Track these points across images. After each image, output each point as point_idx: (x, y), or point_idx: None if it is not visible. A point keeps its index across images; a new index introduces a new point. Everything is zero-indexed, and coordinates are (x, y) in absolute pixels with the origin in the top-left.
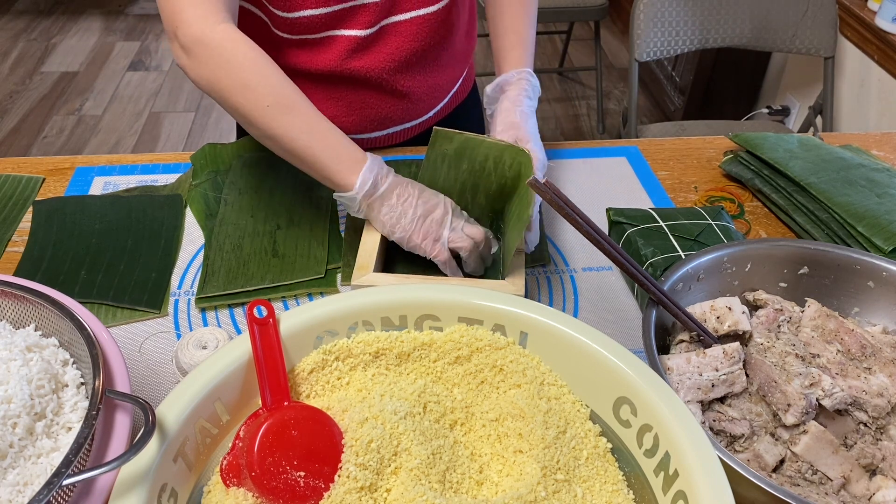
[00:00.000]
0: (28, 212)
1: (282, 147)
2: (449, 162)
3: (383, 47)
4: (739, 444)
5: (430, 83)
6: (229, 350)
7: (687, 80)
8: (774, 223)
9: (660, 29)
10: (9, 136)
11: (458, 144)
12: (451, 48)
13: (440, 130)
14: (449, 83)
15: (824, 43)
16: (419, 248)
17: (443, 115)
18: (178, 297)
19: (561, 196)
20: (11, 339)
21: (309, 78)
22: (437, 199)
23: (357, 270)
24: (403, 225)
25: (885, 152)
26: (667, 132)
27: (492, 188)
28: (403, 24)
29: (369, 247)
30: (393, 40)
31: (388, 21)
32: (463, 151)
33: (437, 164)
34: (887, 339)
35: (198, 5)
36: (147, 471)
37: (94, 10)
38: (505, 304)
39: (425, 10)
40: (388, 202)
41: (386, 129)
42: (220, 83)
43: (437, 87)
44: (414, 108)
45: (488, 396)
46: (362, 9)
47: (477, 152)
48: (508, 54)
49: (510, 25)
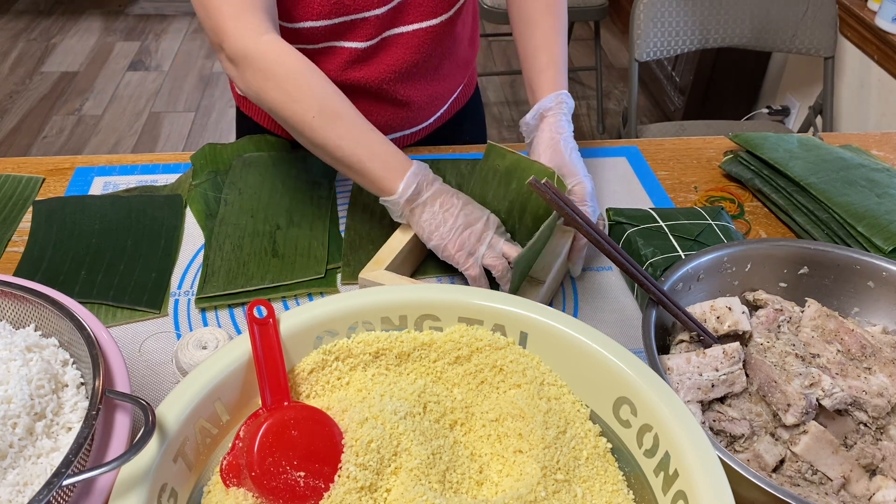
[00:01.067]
0: (28, 212)
1: (329, 155)
2: (499, 178)
3: (384, 58)
4: (739, 444)
5: (430, 92)
6: (229, 350)
7: (687, 80)
8: (774, 223)
9: (660, 29)
10: (9, 136)
11: (509, 162)
12: (453, 58)
13: (494, 146)
14: (450, 91)
15: (824, 43)
16: (453, 259)
17: (444, 121)
18: (178, 297)
19: (561, 196)
20: (11, 339)
21: None
22: (480, 213)
23: (371, 263)
24: (441, 233)
25: (885, 152)
26: (667, 132)
27: (539, 211)
28: (405, 36)
29: (394, 244)
30: (394, 52)
31: (389, 33)
32: (514, 170)
33: (487, 178)
34: (887, 339)
35: (239, 17)
36: (147, 471)
37: (94, 10)
38: (505, 304)
39: (428, 23)
40: (430, 209)
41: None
42: (267, 95)
43: (438, 96)
44: (414, 115)
45: (488, 396)
46: (363, 22)
47: (528, 173)
48: (542, 76)
49: (542, 44)
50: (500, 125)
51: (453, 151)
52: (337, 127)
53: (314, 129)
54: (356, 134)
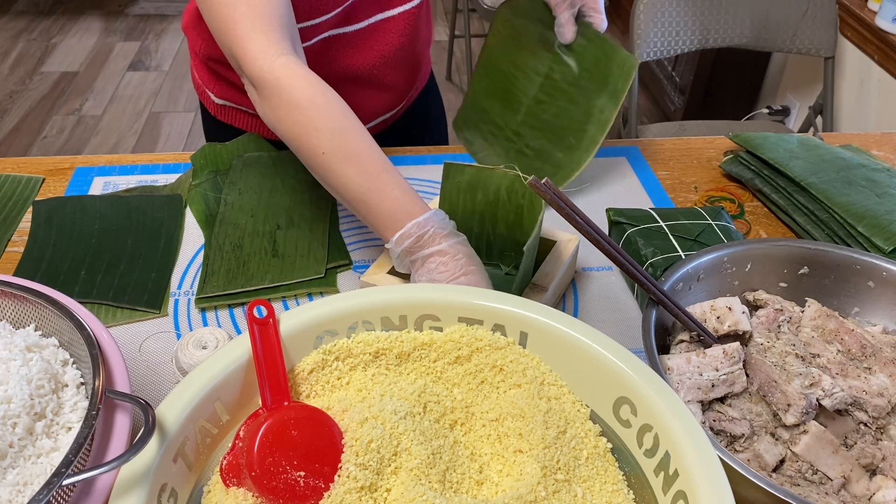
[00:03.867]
0: (28, 212)
1: (337, 195)
2: (464, 194)
3: (374, 44)
4: (739, 444)
5: (411, 75)
6: (229, 350)
7: (687, 80)
8: (774, 223)
9: (660, 29)
10: (9, 136)
11: (469, 176)
12: (427, 39)
13: (452, 164)
14: (424, 73)
15: (824, 43)
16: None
17: (408, 105)
18: (178, 297)
19: (561, 196)
20: (11, 339)
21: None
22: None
23: (373, 267)
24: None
25: (885, 152)
26: (667, 132)
27: (510, 217)
28: (393, 20)
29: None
30: (382, 37)
31: (377, 17)
32: (476, 182)
33: (452, 195)
34: (887, 339)
35: (253, 39)
36: (147, 471)
37: (94, 10)
38: (505, 304)
39: (411, 4)
40: (427, 266)
41: (372, 121)
42: (280, 125)
43: (413, 79)
44: (395, 100)
45: (488, 396)
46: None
47: (489, 182)
48: None
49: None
50: None
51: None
52: (346, 167)
53: (323, 167)
54: (367, 178)
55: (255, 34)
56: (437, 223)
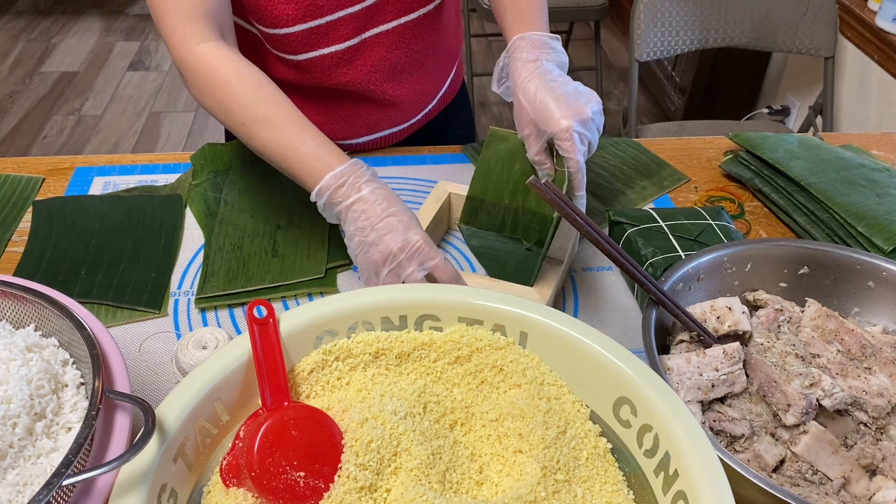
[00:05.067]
0: (28, 212)
1: (265, 158)
2: (502, 162)
3: (367, 59)
4: (739, 444)
5: (418, 89)
6: (229, 350)
7: (687, 80)
8: (774, 223)
9: (660, 29)
10: (9, 136)
11: (511, 145)
12: (437, 51)
13: (496, 130)
14: (437, 86)
15: (824, 43)
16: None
17: (431, 117)
18: (178, 297)
19: (561, 196)
20: (11, 339)
21: (298, 91)
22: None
23: None
24: (351, 248)
25: (885, 152)
26: (667, 132)
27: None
28: (385, 35)
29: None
30: (376, 51)
31: (368, 34)
32: (516, 152)
33: (490, 163)
34: (887, 339)
35: (179, 27)
36: (147, 471)
37: (94, 10)
38: (505, 304)
39: (406, 18)
40: (351, 214)
41: (375, 133)
42: (204, 102)
43: (425, 92)
44: (403, 113)
45: (488, 396)
46: (339, 23)
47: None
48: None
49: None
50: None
51: (435, 152)
52: (266, 133)
53: (245, 136)
54: (284, 139)
55: (181, 23)
56: (355, 172)
